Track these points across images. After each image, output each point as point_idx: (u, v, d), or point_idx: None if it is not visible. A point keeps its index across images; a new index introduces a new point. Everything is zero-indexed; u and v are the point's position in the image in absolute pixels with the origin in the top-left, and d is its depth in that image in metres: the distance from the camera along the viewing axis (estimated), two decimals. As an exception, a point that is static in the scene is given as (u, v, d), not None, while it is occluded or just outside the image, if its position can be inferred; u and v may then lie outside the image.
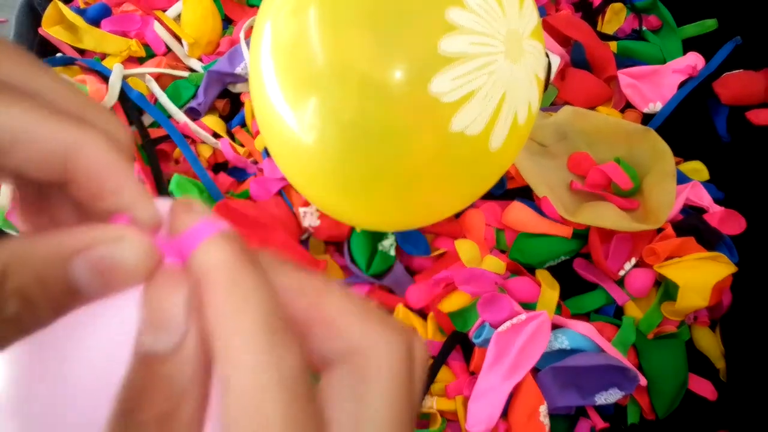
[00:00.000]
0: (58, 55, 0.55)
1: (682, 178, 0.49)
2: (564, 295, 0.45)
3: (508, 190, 0.50)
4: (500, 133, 0.34)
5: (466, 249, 0.46)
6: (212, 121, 0.54)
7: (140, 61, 0.57)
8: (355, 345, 0.15)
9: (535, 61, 0.36)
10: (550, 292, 0.44)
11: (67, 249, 0.13)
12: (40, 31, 0.56)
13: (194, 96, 0.54)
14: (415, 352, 0.16)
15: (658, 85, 0.54)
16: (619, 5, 0.60)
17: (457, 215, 0.48)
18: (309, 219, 0.46)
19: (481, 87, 0.32)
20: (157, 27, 0.57)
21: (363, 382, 0.15)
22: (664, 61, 0.56)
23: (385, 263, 0.46)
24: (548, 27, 0.57)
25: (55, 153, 0.14)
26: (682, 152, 0.51)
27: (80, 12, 0.57)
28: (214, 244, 0.14)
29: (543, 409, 0.39)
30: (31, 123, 0.14)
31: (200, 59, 0.58)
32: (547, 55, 0.54)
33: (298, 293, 0.15)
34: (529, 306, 0.43)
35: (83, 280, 0.13)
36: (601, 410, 0.42)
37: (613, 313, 0.45)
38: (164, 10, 0.58)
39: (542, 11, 0.61)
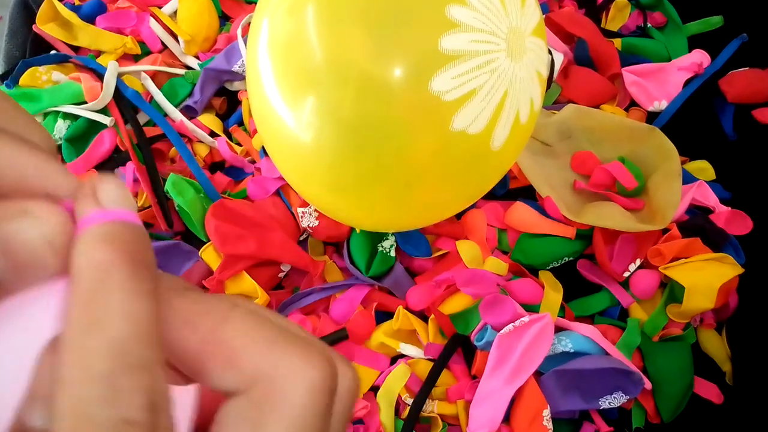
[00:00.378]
0: (53, 52, 0.55)
1: (687, 178, 0.48)
2: (567, 297, 0.44)
3: (511, 190, 0.50)
4: (502, 132, 0.34)
5: (467, 250, 0.45)
6: (209, 120, 0.53)
7: (136, 58, 0.57)
8: (257, 374, 0.13)
9: (537, 58, 0.35)
10: (553, 293, 0.43)
11: None
12: (34, 28, 0.55)
13: (191, 94, 0.54)
14: (338, 385, 0.14)
15: (663, 83, 0.53)
16: (623, 2, 0.59)
17: (459, 215, 0.47)
18: (307, 219, 0.45)
19: (483, 85, 0.31)
20: (153, 24, 0.56)
21: (264, 411, 0.13)
22: (669, 59, 0.56)
23: (385, 264, 0.45)
24: (551, 24, 0.56)
25: None
26: (688, 151, 0.51)
27: (75, 9, 0.56)
28: (91, 240, 0.12)
29: (546, 413, 0.39)
30: None
31: (197, 56, 0.57)
32: (550, 53, 0.53)
33: (198, 320, 0.13)
34: (531, 308, 0.43)
35: None
36: (605, 414, 0.42)
37: (618, 316, 0.45)
38: (160, 7, 0.57)
39: (545, 8, 0.60)
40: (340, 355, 0.16)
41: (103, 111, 0.51)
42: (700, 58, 0.53)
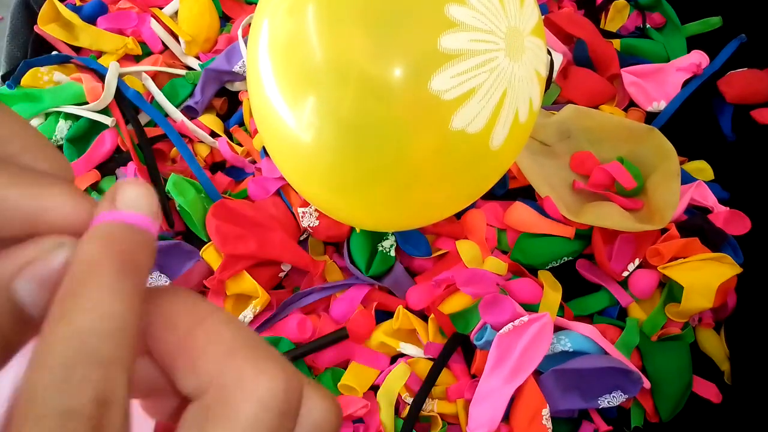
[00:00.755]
0: (54, 53, 0.55)
1: (686, 178, 0.48)
2: (566, 297, 0.44)
3: (510, 189, 0.50)
4: (501, 132, 0.34)
5: (467, 249, 0.45)
6: (210, 120, 0.53)
7: (137, 59, 0.57)
8: (212, 380, 0.13)
9: (536, 58, 0.35)
10: (552, 293, 0.43)
11: (4, 273, 0.12)
12: (35, 28, 0.55)
13: (191, 94, 0.54)
14: (306, 413, 0.14)
15: (661, 83, 0.53)
16: (622, 2, 0.59)
17: (458, 215, 0.47)
18: (308, 219, 0.45)
19: (482, 84, 0.31)
20: (154, 24, 0.56)
21: (210, 419, 0.13)
22: (668, 60, 0.56)
23: (385, 264, 0.45)
24: (550, 24, 0.56)
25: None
26: (687, 151, 0.51)
27: (76, 9, 0.57)
28: (90, 237, 0.13)
29: (545, 412, 0.39)
30: None
31: (198, 57, 0.57)
32: (550, 53, 0.53)
33: (179, 320, 0.14)
34: (531, 307, 0.43)
35: (31, 303, 0.12)
36: (605, 413, 0.42)
37: (617, 315, 0.45)
38: (161, 8, 0.58)
39: (544, 8, 0.60)
40: (318, 385, 0.15)
41: (105, 111, 0.51)
42: (698, 58, 0.53)
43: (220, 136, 0.52)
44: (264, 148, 0.50)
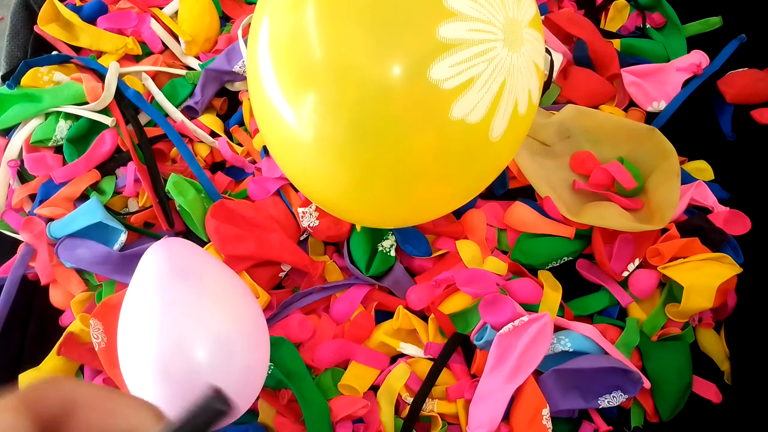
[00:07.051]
0: (54, 53, 0.55)
1: (686, 178, 0.48)
2: (566, 297, 0.44)
3: (510, 190, 0.50)
4: (501, 123, 0.34)
5: (467, 249, 0.45)
6: (210, 120, 0.53)
7: (137, 58, 0.57)
8: None
9: (535, 50, 0.35)
10: (552, 293, 0.43)
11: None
12: (35, 28, 0.55)
13: (191, 94, 0.54)
14: None
15: (662, 83, 0.53)
16: (622, 2, 0.59)
17: (459, 215, 0.47)
18: (308, 219, 0.45)
19: (481, 74, 0.31)
20: (154, 24, 0.56)
21: None
22: (668, 59, 0.56)
23: (385, 264, 0.45)
24: (550, 24, 0.56)
25: None
26: (687, 151, 0.51)
27: (76, 9, 0.57)
28: None
29: (545, 412, 0.39)
30: None
31: (198, 57, 0.57)
32: (550, 53, 0.53)
33: None
34: (531, 307, 0.43)
35: None
36: (605, 413, 0.42)
37: (617, 315, 0.45)
38: (161, 8, 0.58)
39: (544, 8, 0.60)
40: None
41: (105, 111, 0.51)
42: (698, 58, 0.53)
43: (220, 136, 0.52)
44: (264, 148, 0.50)
